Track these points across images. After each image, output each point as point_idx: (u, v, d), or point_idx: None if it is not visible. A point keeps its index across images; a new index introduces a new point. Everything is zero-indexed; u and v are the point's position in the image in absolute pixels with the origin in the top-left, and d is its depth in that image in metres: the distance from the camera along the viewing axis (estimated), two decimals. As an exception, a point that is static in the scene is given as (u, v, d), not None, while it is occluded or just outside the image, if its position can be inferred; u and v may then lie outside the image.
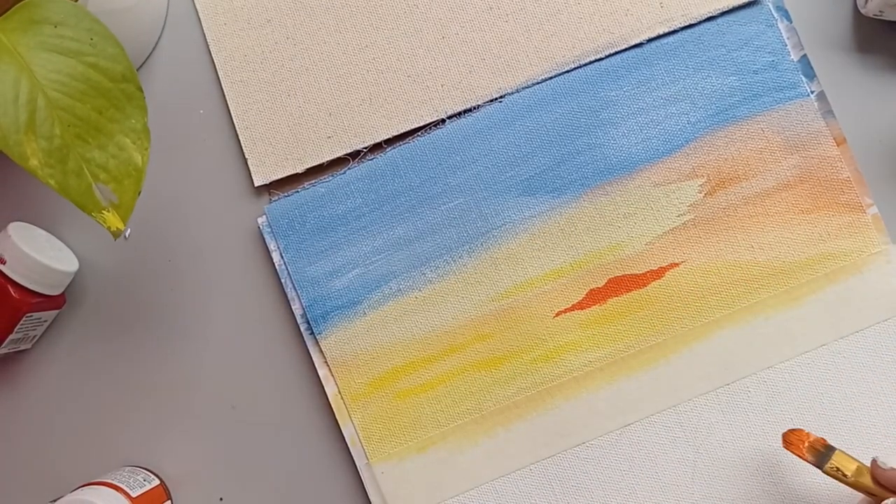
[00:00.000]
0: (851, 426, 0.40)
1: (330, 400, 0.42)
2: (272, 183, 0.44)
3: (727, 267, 0.41)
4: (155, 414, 0.44)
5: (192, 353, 0.44)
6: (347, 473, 0.43)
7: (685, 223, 0.42)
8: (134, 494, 0.40)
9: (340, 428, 0.42)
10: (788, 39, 0.41)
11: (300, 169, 0.43)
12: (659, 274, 0.41)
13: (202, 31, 0.45)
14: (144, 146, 0.35)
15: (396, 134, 0.43)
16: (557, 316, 0.42)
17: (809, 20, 0.42)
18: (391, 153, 0.43)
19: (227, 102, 0.44)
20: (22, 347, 0.43)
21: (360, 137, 0.43)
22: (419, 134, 0.43)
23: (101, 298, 0.44)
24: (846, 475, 0.35)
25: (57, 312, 0.44)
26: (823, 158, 0.41)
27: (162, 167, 0.44)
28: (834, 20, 0.42)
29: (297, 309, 0.43)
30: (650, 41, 0.42)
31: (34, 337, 0.44)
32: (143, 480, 0.41)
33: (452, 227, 0.42)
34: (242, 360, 0.43)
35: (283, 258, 0.43)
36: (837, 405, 0.40)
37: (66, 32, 0.33)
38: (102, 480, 0.40)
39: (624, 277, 0.42)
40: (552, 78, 0.42)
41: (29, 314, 0.41)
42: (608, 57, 0.42)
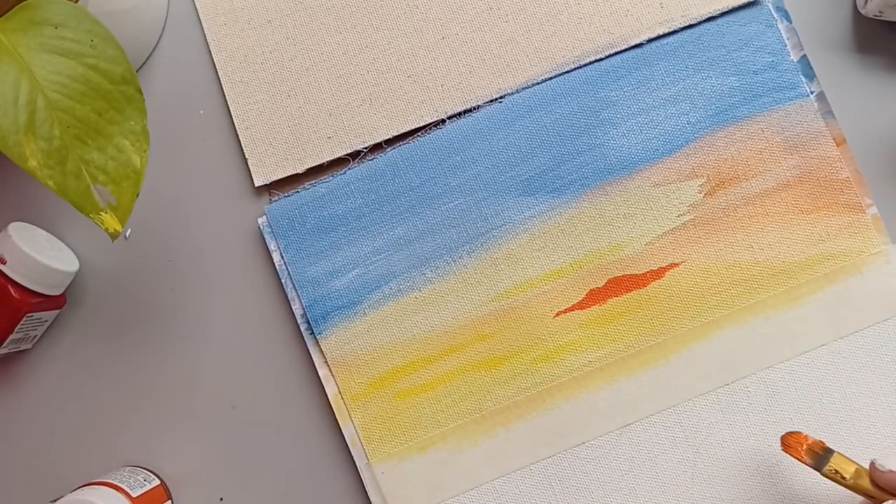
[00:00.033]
0: (851, 426, 0.40)
1: (330, 400, 0.42)
2: (272, 183, 0.44)
3: (727, 267, 0.41)
4: (155, 414, 0.44)
5: (192, 353, 0.44)
6: (347, 473, 0.43)
7: (685, 223, 0.42)
8: (134, 494, 0.40)
9: (340, 428, 0.42)
10: (788, 40, 0.41)
11: (300, 169, 0.43)
12: (659, 274, 0.41)
13: (202, 31, 0.45)
14: (143, 148, 0.35)
15: (396, 134, 0.43)
16: (557, 316, 0.42)
17: (809, 20, 0.42)
18: (391, 153, 0.43)
19: (227, 103, 0.44)
20: (22, 347, 0.43)
21: (360, 137, 0.43)
22: (419, 134, 0.43)
23: (101, 298, 0.44)
24: (845, 478, 0.35)
25: (57, 312, 0.44)
26: (823, 159, 0.41)
27: (162, 167, 0.44)
28: (834, 20, 0.42)
29: (297, 309, 0.43)
30: (650, 41, 0.42)
31: (34, 337, 0.44)
32: (143, 480, 0.42)
33: (452, 227, 0.42)
34: (242, 360, 0.44)
35: (283, 258, 0.43)
36: (837, 405, 0.40)
37: (66, 34, 0.33)
38: (103, 480, 0.40)
39: (624, 277, 0.42)
40: (552, 78, 0.42)
41: (29, 314, 0.41)
42: (608, 57, 0.42)
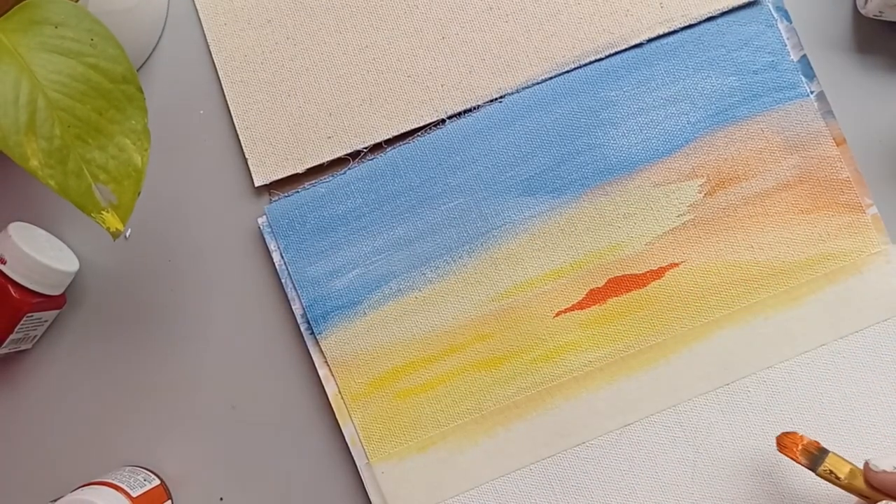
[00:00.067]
0: (851, 426, 0.40)
1: (330, 400, 0.42)
2: (272, 183, 0.44)
3: (727, 267, 0.41)
4: (155, 414, 0.44)
5: (192, 353, 0.44)
6: (347, 473, 0.43)
7: (685, 223, 0.42)
8: (134, 494, 0.40)
9: (340, 428, 0.42)
10: (788, 40, 0.41)
11: (300, 169, 0.43)
12: (659, 274, 0.41)
13: (202, 31, 0.45)
14: (144, 147, 0.35)
15: (396, 134, 0.43)
16: (557, 316, 0.42)
17: (809, 20, 0.42)
18: (391, 153, 0.43)
19: (227, 103, 0.44)
20: (22, 347, 0.43)
21: (360, 137, 0.43)
22: (419, 134, 0.43)
23: (101, 298, 0.44)
24: (839, 478, 0.35)
25: (57, 312, 0.44)
26: (823, 158, 0.41)
27: (162, 167, 0.44)
28: (834, 20, 0.42)
29: (297, 309, 0.43)
30: (650, 41, 0.42)
31: (35, 337, 0.44)
32: (143, 480, 0.41)
33: (452, 227, 0.42)
34: (242, 360, 0.44)
35: (283, 258, 0.43)
36: (837, 405, 0.40)
37: (66, 33, 0.33)
38: (103, 480, 0.40)
39: (624, 277, 0.42)
40: (552, 78, 0.42)
41: (29, 314, 0.41)
42: (608, 57, 0.42)
